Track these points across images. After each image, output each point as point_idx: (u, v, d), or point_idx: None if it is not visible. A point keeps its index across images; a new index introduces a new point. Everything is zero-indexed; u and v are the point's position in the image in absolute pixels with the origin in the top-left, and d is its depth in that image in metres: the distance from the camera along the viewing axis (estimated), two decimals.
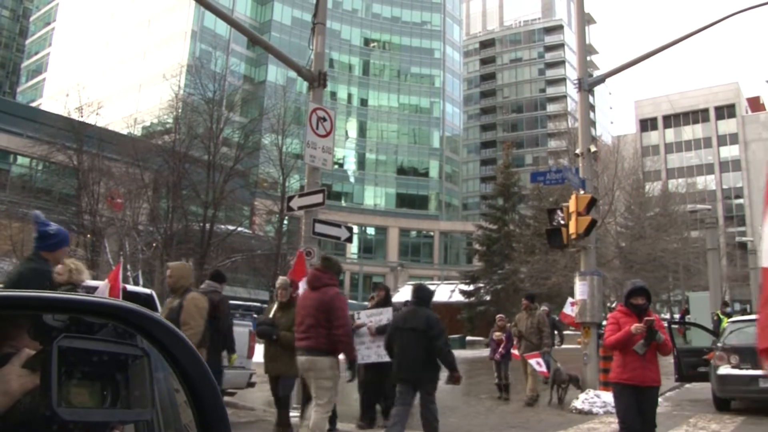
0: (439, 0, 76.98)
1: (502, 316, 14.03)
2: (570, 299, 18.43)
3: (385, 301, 9.54)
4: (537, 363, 11.42)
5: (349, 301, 41.57)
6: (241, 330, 9.77)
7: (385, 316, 8.85)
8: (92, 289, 9.80)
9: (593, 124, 72.19)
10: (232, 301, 26.21)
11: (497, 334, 12.85)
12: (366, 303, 11.71)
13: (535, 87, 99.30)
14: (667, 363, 20.29)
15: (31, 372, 1.08)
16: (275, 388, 8.25)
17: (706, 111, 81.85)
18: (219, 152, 30.68)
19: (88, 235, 29.17)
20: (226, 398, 9.62)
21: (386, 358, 7.73)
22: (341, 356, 6.60)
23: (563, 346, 20.17)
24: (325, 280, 6.58)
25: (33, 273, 4.95)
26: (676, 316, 56.06)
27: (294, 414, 9.39)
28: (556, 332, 16.84)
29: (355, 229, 52.95)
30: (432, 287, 9.75)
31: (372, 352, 8.74)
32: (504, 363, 12.66)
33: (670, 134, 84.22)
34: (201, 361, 1.26)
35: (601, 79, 15.22)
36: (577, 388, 11.52)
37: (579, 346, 13.12)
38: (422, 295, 7.34)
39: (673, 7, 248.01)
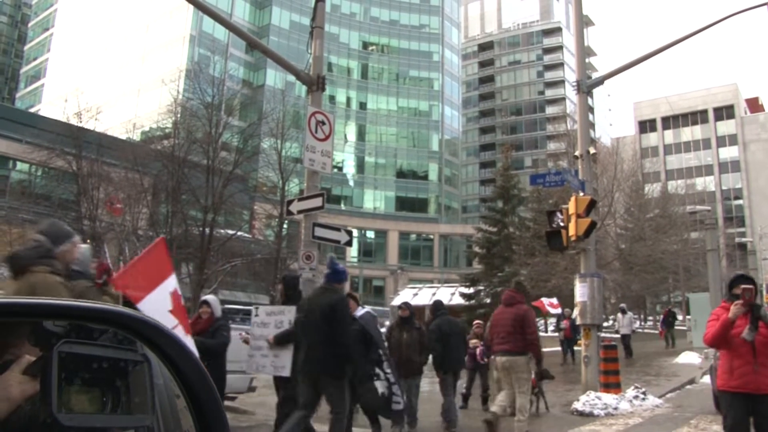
0: (437, 3, 77.10)
1: (479, 322, 12.97)
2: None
3: (291, 298, 7.67)
4: None
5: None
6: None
7: (287, 317, 7.21)
8: None
9: (592, 125, 72.17)
10: (230, 305, 26.16)
11: (473, 341, 11.70)
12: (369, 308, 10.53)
13: (533, 89, 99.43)
14: (667, 365, 20.20)
15: (31, 378, 1.08)
16: None
17: (705, 112, 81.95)
18: (218, 157, 30.65)
19: (88, 241, 29.15)
20: (226, 403, 9.58)
21: (283, 372, 6.87)
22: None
23: None
24: (518, 299, 8.52)
25: (344, 300, 6.79)
26: (679, 317, 56.14)
27: None
28: None
29: (355, 232, 52.98)
30: (432, 291, 10.05)
31: (268, 361, 7.19)
32: (482, 372, 11.78)
33: (669, 136, 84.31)
34: (201, 367, 1.26)
35: (600, 81, 15.23)
36: (550, 378, 10.82)
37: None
38: (445, 307, 10.43)
39: (671, 8, 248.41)
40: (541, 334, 27.57)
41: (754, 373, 5.13)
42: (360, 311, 7.99)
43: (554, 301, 25.10)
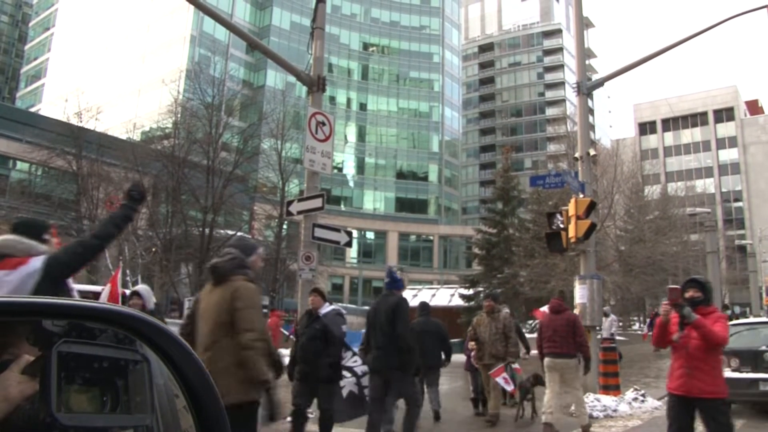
0: (437, 4, 77.13)
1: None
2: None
3: None
4: (504, 379, 9.74)
5: (348, 305, 41.42)
6: None
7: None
8: (97, 295, 9.84)
9: (592, 127, 72.14)
10: None
11: (472, 343, 10.98)
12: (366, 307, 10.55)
13: (534, 91, 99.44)
14: (667, 367, 20.22)
15: (30, 378, 1.08)
16: None
17: (704, 114, 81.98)
18: (218, 157, 30.67)
19: None
20: None
21: None
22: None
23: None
24: (565, 306, 9.59)
25: (404, 301, 7.55)
26: None
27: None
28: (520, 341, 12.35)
29: (355, 233, 52.93)
30: (431, 292, 10.10)
31: None
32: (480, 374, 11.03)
33: (669, 138, 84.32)
34: (201, 367, 1.25)
35: (600, 83, 15.23)
36: (542, 384, 10.14)
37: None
38: (429, 308, 11.39)
39: (671, 10, 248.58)
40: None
41: (687, 376, 5.32)
42: (325, 309, 7.59)
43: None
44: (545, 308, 19.42)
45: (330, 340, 7.23)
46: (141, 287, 7.93)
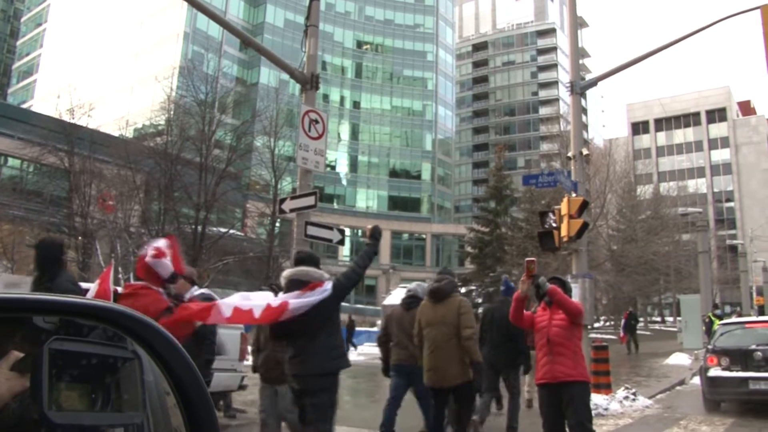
0: (431, 3, 77.09)
1: None
2: None
3: (46, 269, 5.44)
4: None
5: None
6: (233, 332, 9.72)
7: (24, 290, 5.19)
8: (85, 292, 9.72)
9: (585, 127, 72.44)
10: None
11: None
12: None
13: (527, 90, 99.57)
14: (658, 366, 20.23)
15: (19, 375, 1.08)
16: None
17: (697, 114, 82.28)
18: (211, 154, 30.55)
19: (79, 238, 29.00)
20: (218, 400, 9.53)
21: None
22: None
23: None
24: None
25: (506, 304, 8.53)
26: (670, 318, 56.31)
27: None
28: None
29: (347, 231, 52.82)
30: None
31: None
32: None
33: (662, 137, 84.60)
34: (191, 364, 1.25)
35: (594, 83, 15.24)
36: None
37: None
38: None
39: (665, 10, 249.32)
40: None
41: (551, 363, 5.44)
42: (192, 293, 5.72)
43: None
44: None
45: (201, 336, 5.46)
46: None
